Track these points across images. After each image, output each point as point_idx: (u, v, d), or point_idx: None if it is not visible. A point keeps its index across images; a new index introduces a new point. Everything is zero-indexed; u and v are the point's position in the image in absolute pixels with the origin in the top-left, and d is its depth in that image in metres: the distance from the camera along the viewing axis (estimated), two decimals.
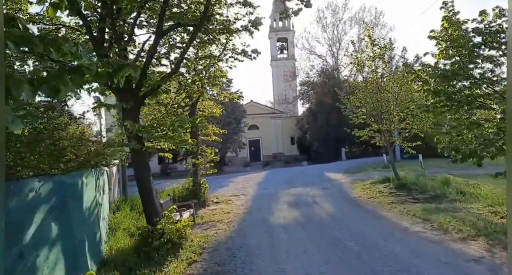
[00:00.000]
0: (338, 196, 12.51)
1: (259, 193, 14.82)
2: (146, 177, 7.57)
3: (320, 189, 14.70)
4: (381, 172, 18.20)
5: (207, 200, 13.04)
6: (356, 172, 19.77)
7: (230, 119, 32.44)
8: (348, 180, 16.59)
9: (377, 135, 14.03)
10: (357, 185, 14.50)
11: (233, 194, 15.35)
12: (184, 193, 12.84)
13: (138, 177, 7.69)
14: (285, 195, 13.73)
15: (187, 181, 13.47)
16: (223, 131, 13.88)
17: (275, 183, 18.14)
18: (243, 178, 23.51)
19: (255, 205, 12.05)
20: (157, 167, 36.15)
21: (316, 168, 26.76)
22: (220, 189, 18.06)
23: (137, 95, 7.48)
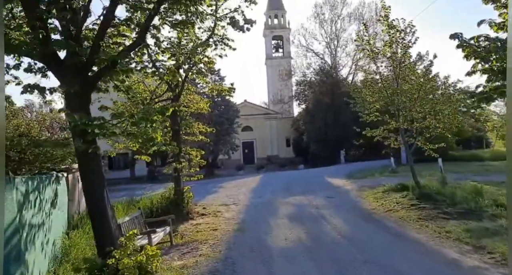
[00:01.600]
0: (348, 208, 10.50)
1: (253, 202, 12.76)
2: (96, 189, 5.48)
3: (324, 197, 12.68)
4: (389, 177, 16.24)
5: (191, 211, 10.95)
6: (360, 177, 17.79)
7: (222, 119, 30.40)
8: (354, 187, 14.59)
9: (392, 135, 12.03)
10: (367, 193, 12.50)
11: (223, 203, 13.27)
12: (163, 203, 10.73)
13: (86, 190, 5.62)
14: (284, 205, 11.69)
15: (168, 189, 11.37)
16: (211, 129, 11.81)
17: (271, 190, 16.09)
18: (236, 182, 21.44)
19: (248, 218, 9.99)
20: (145, 170, 33.97)
21: (315, 172, 24.76)
22: (209, 196, 15.97)
23: (85, 76, 5.41)
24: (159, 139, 6.37)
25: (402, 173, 17.26)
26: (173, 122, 10.98)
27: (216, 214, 10.87)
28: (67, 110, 4.92)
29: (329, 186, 15.89)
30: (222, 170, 36.14)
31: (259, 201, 12.91)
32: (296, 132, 41.40)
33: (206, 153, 31.59)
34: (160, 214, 10.41)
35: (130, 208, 10.77)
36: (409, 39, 10.24)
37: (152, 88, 11.22)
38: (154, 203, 10.86)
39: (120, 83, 6.61)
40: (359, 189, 13.84)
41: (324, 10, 40.24)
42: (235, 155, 35.60)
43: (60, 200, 7.88)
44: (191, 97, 11.66)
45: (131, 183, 30.19)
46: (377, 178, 16.50)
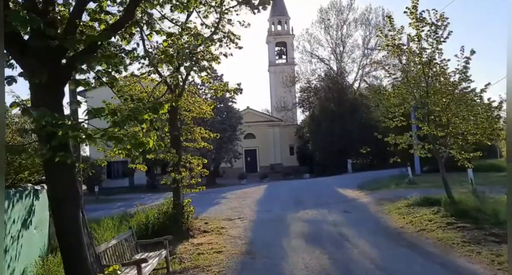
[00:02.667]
0: (371, 226, 9.18)
1: (261, 217, 11.45)
2: (67, 209, 4.17)
3: (340, 212, 11.37)
4: (408, 189, 14.91)
5: (192, 228, 9.64)
6: (374, 188, 16.47)
7: (224, 126, 29.18)
8: (370, 200, 13.27)
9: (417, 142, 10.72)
10: (388, 207, 11.18)
11: (226, 217, 11.97)
12: (160, 218, 9.42)
13: (53, 210, 4.33)
14: (296, 221, 10.37)
15: (165, 202, 10.07)
16: (215, 135, 10.55)
17: (279, 202, 14.78)
18: (239, 193, 20.13)
19: (257, 238, 8.67)
20: (144, 179, 32.68)
21: (323, 182, 23.42)
22: (211, 208, 14.68)
23: (56, 64, 4.16)
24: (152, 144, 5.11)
25: (421, 184, 15.99)
26: (172, 127, 9.74)
27: (220, 231, 9.56)
28: (28, 109, 3.66)
29: (342, 198, 14.56)
30: (224, 179, 34.82)
31: (267, 216, 11.59)
32: (300, 140, 40.17)
33: (208, 161, 30.42)
34: (157, 231, 9.11)
35: (123, 225, 9.46)
36: (441, 33, 9.00)
37: (150, 89, 10.01)
38: (150, 218, 9.54)
39: (104, 74, 5.36)
40: (378, 202, 12.51)
41: (329, 15, 39.25)
42: (237, 163, 34.32)
43: (38, 218, 6.61)
44: (193, 100, 10.42)
45: (130, 192, 28.90)
46: (394, 190, 15.17)
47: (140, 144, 4.18)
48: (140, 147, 4.23)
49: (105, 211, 18.71)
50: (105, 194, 28.80)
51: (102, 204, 22.99)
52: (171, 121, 9.80)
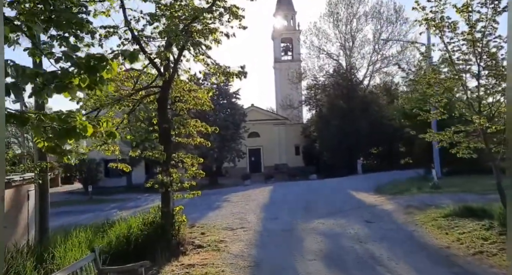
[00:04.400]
0: (406, 243, 7.36)
1: (267, 228, 9.67)
2: None
3: (361, 222, 9.58)
4: (434, 194, 13.10)
5: (184, 241, 7.87)
6: (394, 192, 14.64)
7: (227, 123, 27.44)
8: (394, 207, 11.45)
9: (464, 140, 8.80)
10: (419, 217, 9.35)
11: (227, 226, 10.22)
12: (146, 230, 7.67)
13: None
14: (310, 234, 8.58)
15: (152, 209, 8.30)
16: (213, 129, 8.76)
17: (287, 207, 12.99)
18: (242, 195, 18.36)
19: (264, 257, 6.89)
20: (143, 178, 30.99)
21: (333, 184, 21.58)
22: (211, 214, 12.94)
23: None
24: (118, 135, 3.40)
25: (447, 188, 14.15)
26: (161, 118, 8.00)
27: (218, 246, 7.78)
28: None
29: (360, 204, 12.75)
30: (227, 179, 33.08)
31: (275, 226, 9.81)
32: (307, 139, 38.33)
33: (210, 160, 28.71)
34: (141, 246, 7.39)
35: (98, 237, 7.72)
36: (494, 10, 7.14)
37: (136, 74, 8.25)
38: (132, 230, 7.79)
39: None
40: (404, 210, 10.69)
41: (338, 8, 37.35)
42: (241, 163, 32.57)
43: None
44: (187, 86, 8.64)
45: (127, 192, 27.29)
46: (418, 195, 13.34)
47: (69, 130, 2.40)
48: (70, 134, 2.43)
49: (95, 213, 17.05)
50: (101, 193, 27.18)
51: (95, 204, 21.36)
52: (160, 112, 8.05)
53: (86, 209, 18.97)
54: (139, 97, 7.79)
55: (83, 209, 18.98)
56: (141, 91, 7.94)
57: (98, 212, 17.68)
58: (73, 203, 22.28)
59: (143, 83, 8.58)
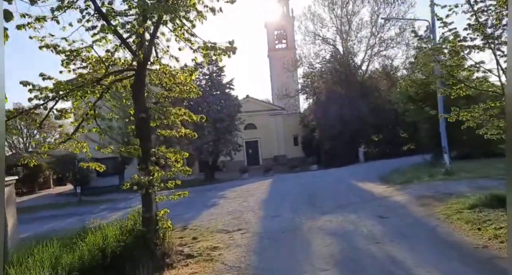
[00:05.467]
0: (432, 242, 6.20)
1: (268, 228, 8.51)
2: None
3: (374, 217, 8.43)
4: (448, 181, 11.99)
5: (170, 251, 6.71)
6: (403, 181, 13.51)
7: (222, 115, 26.22)
8: (407, 198, 10.31)
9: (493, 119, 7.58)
10: (440, 210, 8.21)
11: (223, 227, 9.07)
12: (124, 240, 6.50)
13: None
14: (318, 234, 7.43)
15: (131, 215, 7.12)
16: (198, 117, 7.50)
17: (289, 202, 11.86)
18: (240, 190, 17.23)
19: (266, 268, 5.71)
20: None
21: (336, 174, 20.48)
22: (205, 213, 11.82)
23: None
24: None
25: (461, 174, 13.02)
26: (137, 106, 6.78)
27: (211, 255, 6.62)
28: None
29: (368, 196, 11.61)
30: (224, 173, 31.97)
31: (277, 225, 8.66)
32: (305, 129, 37.20)
33: (205, 155, 27.50)
34: (119, 258, 6.25)
35: (67, 251, 6.52)
36: None
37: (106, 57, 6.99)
38: (109, 240, 6.61)
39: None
40: (419, 201, 9.55)
41: None
42: (237, 156, 31.41)
43: None
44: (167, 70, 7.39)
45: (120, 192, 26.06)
46: (431, 183, 12.22)
47: None
48: None
49: (82, 217, 15.81)
50: (92, 194, 25.99)
51: (84, 206, 20.18)
52: (136, 100, 6.83)
53: (73, 212, 17.79)
54: (108, 83, 6.55)
55: (71, 212, 17.80)
56: (110, 76, 6.70)
57: (86, 215, 16.49)
58: (61, 206, 21.12)
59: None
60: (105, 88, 6.40)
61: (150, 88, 7.78)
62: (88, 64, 6.86)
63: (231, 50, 6.44)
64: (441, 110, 18.24)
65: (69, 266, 5.94)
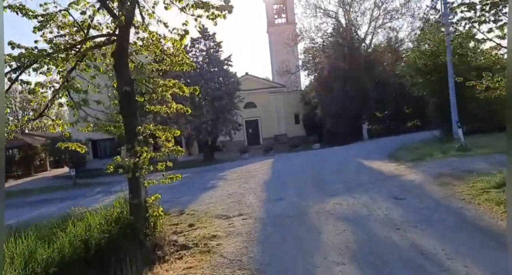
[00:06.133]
0: (459, 227, 5.40)
1: (272, 212, 7.73)
2: None
3: (389, 199, 7.64)
4: (463, 158, 11.17)
5: (163, 242, 5.93)
6: (414, 158, 12.68)
7: (220, 93, 25.21)
8: (422, 177, 9.49)
9: None
10: (463, 190, 7.39)
11: (222, 212, 8.30)
12: (109, 231, 5.72)
13: None
14: (328, 220, 6.63)
15: (116, 202, 6.32)
16: (191, 89, 6.55)
17: (293, 183, 11.08)
18: (240, 171, 16.47)
19: (270, 261, 4.93)
20: None
21: (340, 153, 19.69)
22: (204, 195, 11.07)
23: None
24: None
25: (476, 149, 12.19)
26: (119, 77, 5.85)
27: (209, 246, 5.84)
28: None
29: (378, 175, 10.81)
30: (224, 153, 31.24)
31: (281, 209, 7.88)
32: (307, 106, 36.20)
33: (204, 134, 26.63)
34: (103, 252, 5.48)
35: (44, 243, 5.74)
36: None
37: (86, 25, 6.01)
38: (92, 230, 5.82)
39: None
40: (437, 180, 8.74)
41: None
42: (237, 135, 30.58)
43: None
44: (153, 35, 6.41)
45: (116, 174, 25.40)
46: (445, 160, 11.40)
47: None
48: None
49: (76, 201, 15.11)
50: (87, 176, 25.32)
51: (79, 189, 19.50)
52: (118, 70, 5.90)
53: (67, 196, 17.12)
54: (84, 49, 5.60)
55: (64, 196, 17.12)
56: (88, 43, 5.74)
57: (80, 198, 15.85)
58: (55, 189, 20.44)
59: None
60: (81, 56, 5.45)
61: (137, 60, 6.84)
62: (66, 33, 5.91)
63: (227, 9, 5.45)
64: (451, 82, 17.28)
65: (45, 261, 5.19)
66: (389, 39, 32.52)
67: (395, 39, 32.57)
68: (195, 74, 24.64)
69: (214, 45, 26.76)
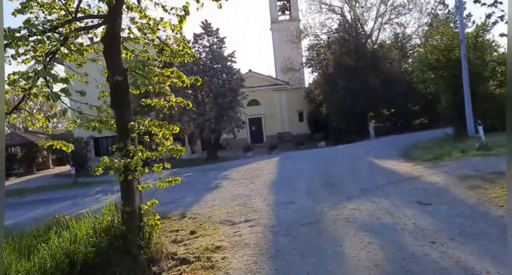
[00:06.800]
0: None
1: (282, 219, 6.93)
2: None
3: (413, 204, 6.84)
4: (486, 157, 10.37)
5: (160, 255, 5.16)
6: (430, 157, 11.87)
7: (224, 90, 24.43)
8: (446, 179, 8.67)
9: None
10: (497, 194, 6.57)
11: (227, 217, 7.53)
12: (98, 243, 4.95)
13: None
14: (348, 229, 5.83)
15: (105, 210, 5.55)
16: (192, 80, 5.73)
17: (304, 184, 10.29)
18: (245, 170, 15.69)
19: None
20: None
21: (348, 151, 18.87)
22: (207, 197, 10.32)
23: None
24: None
25: (499, 149, 11.35)
26: (110, 65, 5.07)
27: (212, 260, 5.06)
28: None
29: (395, 176, 10.00)
30: (228, 151, 30.50)
31: (292, 215, 7.08)
32: (311, 104, 35.44)
33: (207, 132, 25.87)
34: (91, 267, 4.72)
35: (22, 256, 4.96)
36: None
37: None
38: (80, 241, 5.05)
39: None
40: (463, 182, 7.93)
41: None
42: (241, 133, 29.82)
43: None
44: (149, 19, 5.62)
45: None
46: (465, 160, 10.59)
47: None
48: None
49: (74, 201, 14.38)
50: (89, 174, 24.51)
51: (78, 189, 18.76)
52: (108, 57, 5.12)
53: (65, 195, 16.37)
54: (67, 32, 4.81)
55: (62, 195, 16.38)
56: (73, 23, 4.96)
57: (79, 198, 15.08)
58: (54, 188, 19.72)
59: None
60: (63, 39, 4.66)
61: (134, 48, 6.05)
62: (54, 19, 5.13)
63: None
64: (466, 77, 16.45)
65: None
66: (396, 35, 31.64)
67: (402, 35, 31.68)
68: (198, 70, 23.91)
69: (217, 41, 25.97)
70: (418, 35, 31.18)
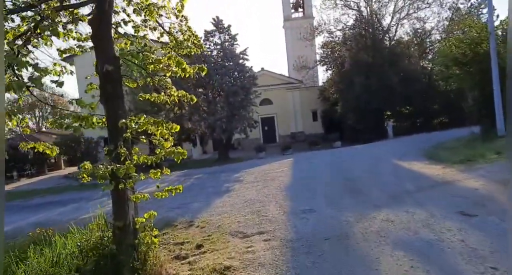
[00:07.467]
0: None
1: (302, 232, 6.02)
2: None
3: (456, 215, 5.86)
4: None
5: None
6: (460, 159, 10.81)
7: (235, 88, 23.57)
8: (486, 184, 7.65)
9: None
10: None
11: (238, 229, 6.66)
12: (85, 263, 4.14)
13: None
14: (382, 247, 4.90)
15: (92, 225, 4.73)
16: (195, 69, 4.87)
17: (323, 189, 9.36)
18: (258, 172, 14.82)
19: None
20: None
21: (367, 152, 17.83)
22: (218, 202, 9.49)
23: None
24: None
25: None
26: (99, 53, 4.25)
27: None
28: None
29: (425, 181, 8.98)
30: (239, 152, 29.70)
31: (313, 226, 6.18)
32: (325, 103, 34.39)
33: (218, 132, 25.05)
34: None
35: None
36: None
37: None
38: (62, 261, 4.24)
39: None
40: (507, 189, 6.90)
41: None
42: (253, 133, 28.94)
43: None
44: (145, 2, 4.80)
45: None
46: (502, 162, 9.52)
47: None
48: None
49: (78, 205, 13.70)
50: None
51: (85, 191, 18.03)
52: (97, 44, 4.30)
53: (71, 198, 15.75)
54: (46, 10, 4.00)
55: (68, 198, 15.76)
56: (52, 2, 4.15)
57: (84, 201, 14.43)
58: (60, 190, 19.13)
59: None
60: (40, 19, 3.85)
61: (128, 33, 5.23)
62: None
63: None
64: (495, 72, 15.28)
65: None
66: (415, 31, 30.34)
67: (421, 31, 30.36)
68: (209, 68, 23.08)
69: (229, 38, 25.13)
70: (438, 30, 29.85)
